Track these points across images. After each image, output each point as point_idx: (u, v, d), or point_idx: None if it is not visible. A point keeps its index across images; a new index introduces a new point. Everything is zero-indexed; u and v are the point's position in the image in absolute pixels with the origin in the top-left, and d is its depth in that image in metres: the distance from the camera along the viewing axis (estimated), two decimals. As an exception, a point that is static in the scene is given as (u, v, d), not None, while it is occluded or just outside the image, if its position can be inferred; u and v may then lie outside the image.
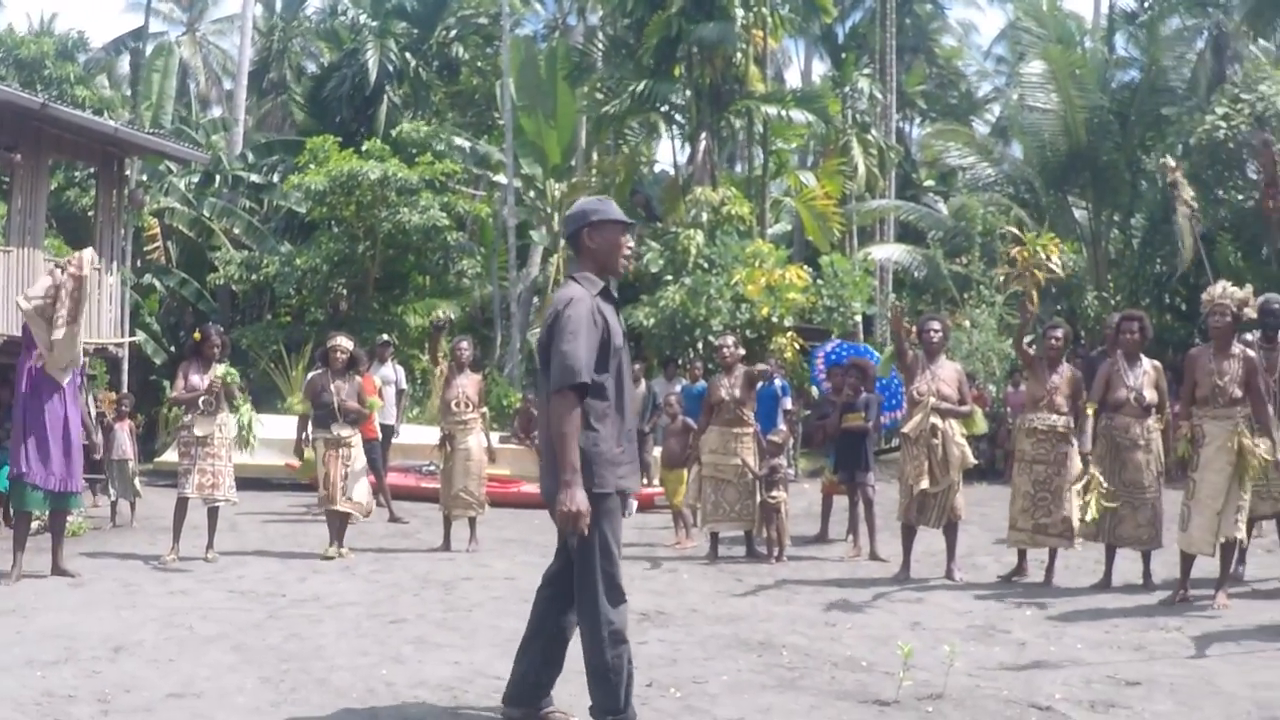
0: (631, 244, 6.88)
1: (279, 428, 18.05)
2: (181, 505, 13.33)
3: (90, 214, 27.25)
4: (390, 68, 37.83)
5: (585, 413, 6.37)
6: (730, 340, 14.25)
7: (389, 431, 18.39)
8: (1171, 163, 15.62)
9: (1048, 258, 19.72)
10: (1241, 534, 10.61)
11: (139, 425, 18.46)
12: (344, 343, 14.02)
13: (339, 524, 13.76)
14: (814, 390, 20.04)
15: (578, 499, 6.20)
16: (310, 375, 14.77)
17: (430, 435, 17.29)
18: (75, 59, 41.08)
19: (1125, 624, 9.74)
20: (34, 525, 12.61)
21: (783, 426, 16.77)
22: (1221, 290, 10.65)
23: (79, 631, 9.30)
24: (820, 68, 44.76)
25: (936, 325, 12.70)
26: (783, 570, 12.82)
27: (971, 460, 12.51)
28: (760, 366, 15.04)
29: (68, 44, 42.53)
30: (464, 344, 15.00)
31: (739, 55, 29.79)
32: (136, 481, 16.63)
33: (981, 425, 12.83)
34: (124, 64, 49.37)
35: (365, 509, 13.89)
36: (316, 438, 13.85)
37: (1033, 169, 32.34)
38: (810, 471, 21.58)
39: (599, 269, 6.73)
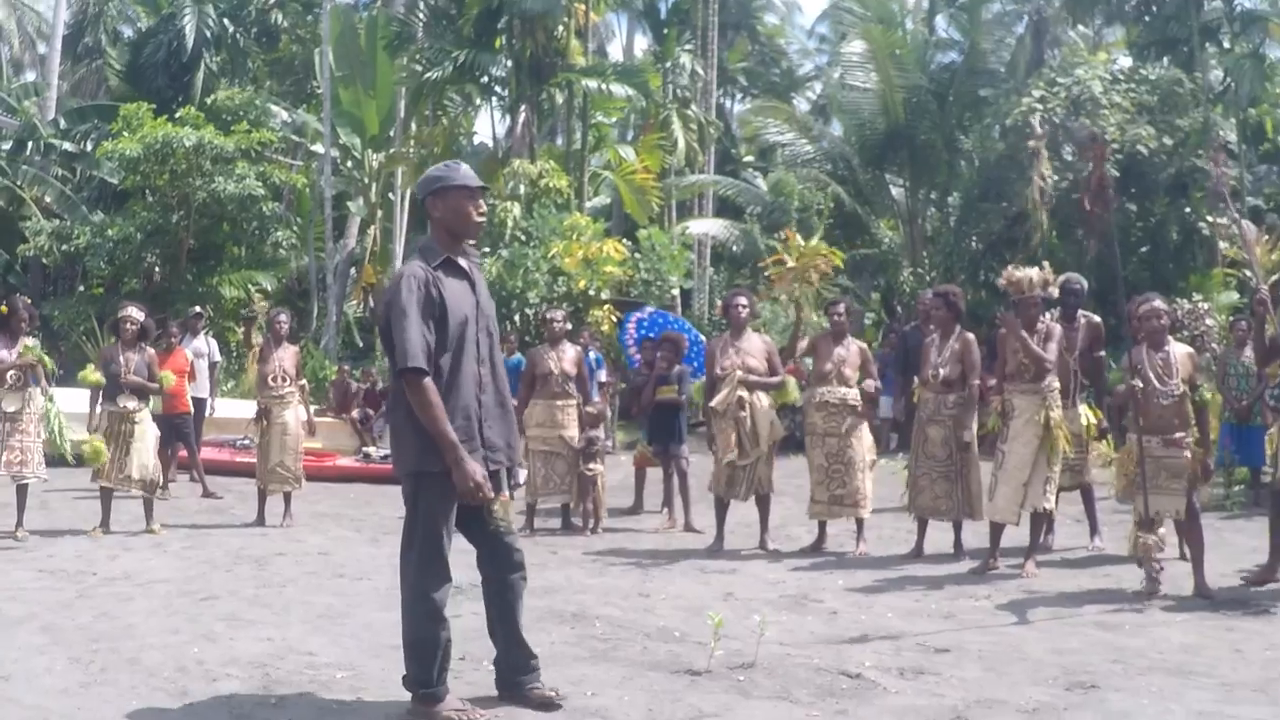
0: (484, 207, 6.74)
1: (83, 401, 17.75)
2: (-17, 483, 13.04)
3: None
4: (208, 34, 37.08)
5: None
6: (559, 314, 14.28)
7: (202, 405, 18.12)
8: (1039, 130, 15.92)
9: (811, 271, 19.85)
10: (1050, 505, 10.91)
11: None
12: (134, 313, 13.74)
13: (109, 502, 13.52)
14: (625, 360, 20.11)
15: (468, 470, 6.26)
16: (103, 347, 14.47)
17: (246, 409, 17.08)
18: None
19: (935, 593, 9.94)
20: None
21: (598, 398, 16.87)
22: (1020, 273, 10.97)
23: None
24: (643, 42, 44.91)
25: (743, 300, 12.79)
26: (598, 542, 12.89)
27: (782, 432, 12.70)
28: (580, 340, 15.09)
29: None
30: (281, 316, 14.85)
31: (561, 28, 29.79)
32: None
33: (795, 395, 12.96)
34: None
35: (150, 486, 13.53)
36: (103, 410, 13.60)
37: (851, 147, 32.80)
38: (627, 444, 21.70)
39: (448, 237, 6.65)
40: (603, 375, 18.42)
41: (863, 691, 6.96)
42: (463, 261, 6.65)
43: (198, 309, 20.75)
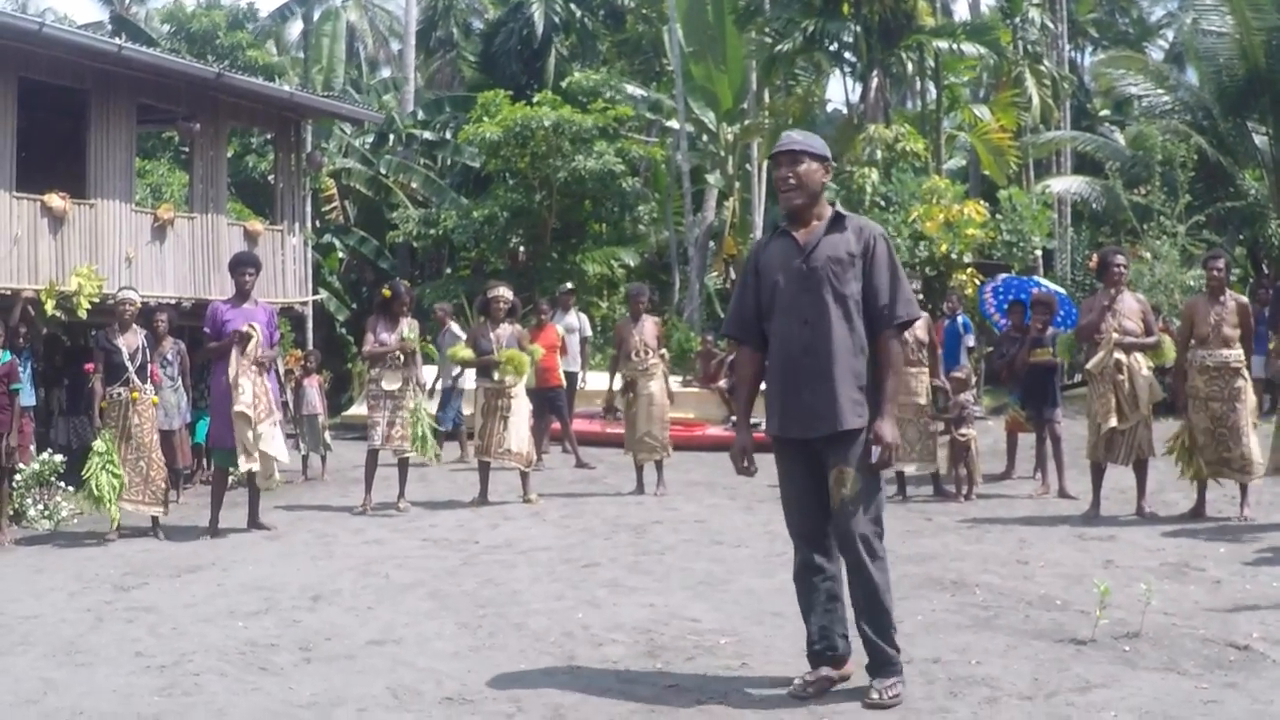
0: (782, 171, 6.40)
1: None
2: (372, 457, 13.69)
3: (269, 179, 27.83)
4: (556, 19, 37.90)
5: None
6: (914, 283, 14.16)
7: (573, 379, 18.63)
8: None
9: None
10: None
11: (326, 381, 18.84)
12: (504, 292, 14.22)
13: (483, 475, 14.03)
14: (980, 325, 19.72)
15: (738, 442, 6.63)
16: (473, 325, 14.94)
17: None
18: (245, 28, 41.83)
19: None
20: (230, 480, 12.94)
21: (966, 363, 16.66)
22: None
23: (278, 582, 9.61)
24: (987, 0, 44.06)
25: (1119, 259, 12.45)
26: (972, 509, 12.77)
27: (1161, 394, 12.28)
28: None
29: (237, 14, 43.32)
30: (642, 291, 15.11)
31: (908, -11, 29.39)
32: (326, 435, 16.98)
33: (1171, 355, 12.51)
34: (292, 31, 50.09)
35: (525, 459, 13.97)
36: (478, 387, 14.05)
37: (1210, 95, 31.43)
38: (994, 409, 21.37)
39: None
40: (970, 340, 18.14)
41: (1252, 663, 6.72)
42: (807, 230, 6.38)
43: (569, 285, 21.30)
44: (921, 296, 14.39)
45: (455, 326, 18.53)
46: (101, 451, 12.11)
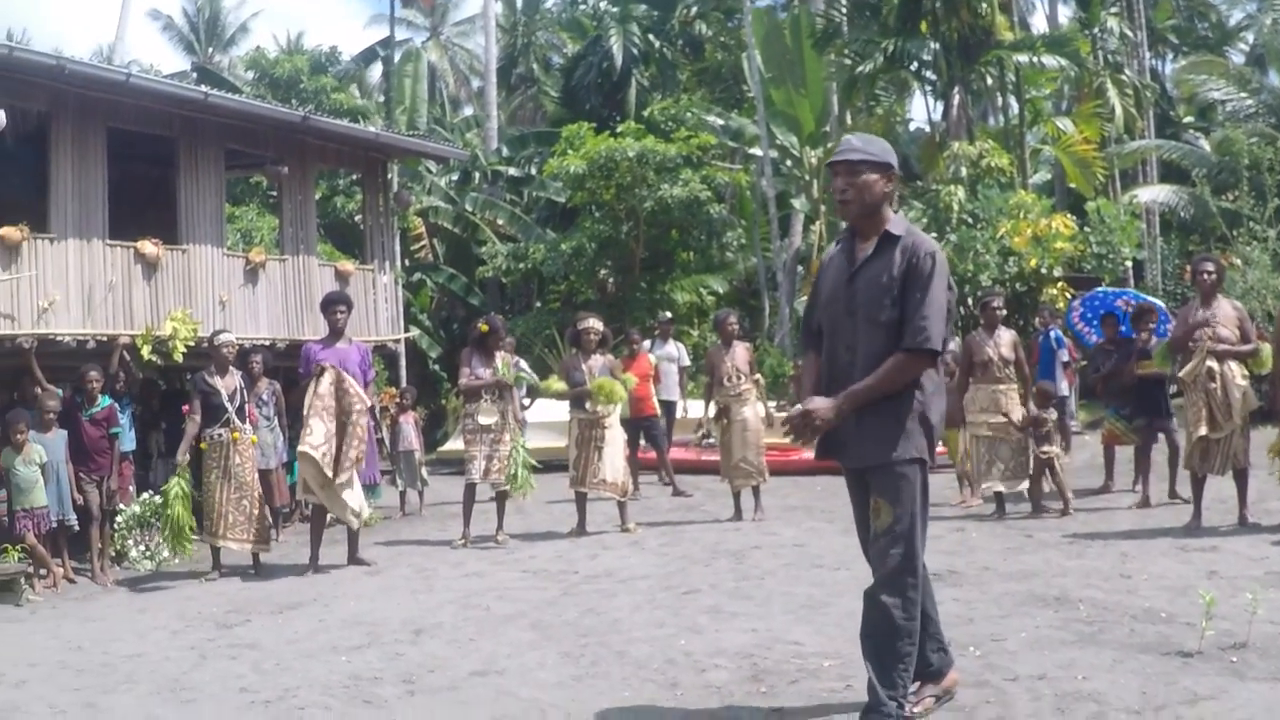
0: (838, 184, 6.02)
1: (545, 411, 18.38)
2: (470, 491, 13.77)
3: (357, 219, 28.10)
4: (635, 51, 38.11)
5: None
6: (999, 300, 14.13)
7: (672, 408, 18.65)
8: None
9: None
10: None
11: (421, 417, 18.96)
12: (594, 324, 14.25)
13: (581, 505, 14.08)
14: (1068, 339, 19.54)
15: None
16: (565, 357, 15.02)
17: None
18: (328, 71, 42.32)
19: None
20: (328, 517, 13.05)
21: (1062, 380, 16.56)
22: None
23: (379, 617, 9.68)
24: (1065, 11, 43.78)
25: (1210, 266, 12.28)
26: (1071, 524, 12.65)
27: (1256, 403, 12.11)
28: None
29: (320, 58, 43.85)
30: (731, 317, 15.11)
31: (985, 5, 29.26)
32: (423, 471, 17.09)
33: (1269, 362, 12.32)
34: (374, 73, 50.67)
35: (620, 489, 13.99)
36: (572, 418, 14.10)
37: (1293, 96, 31.14)
38: (1090, 422, 21.19)
39: None
40: (1064, 355, 17.99)
41: (1368, 673, 6.60)
42: (866, 243, 6.03)
43: (668, 315, 21.37)
44: (1004, 312, 14.26)
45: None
46: (178, 493, 12.33)
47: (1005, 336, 13.88)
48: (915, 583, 5.86)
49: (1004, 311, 14.18)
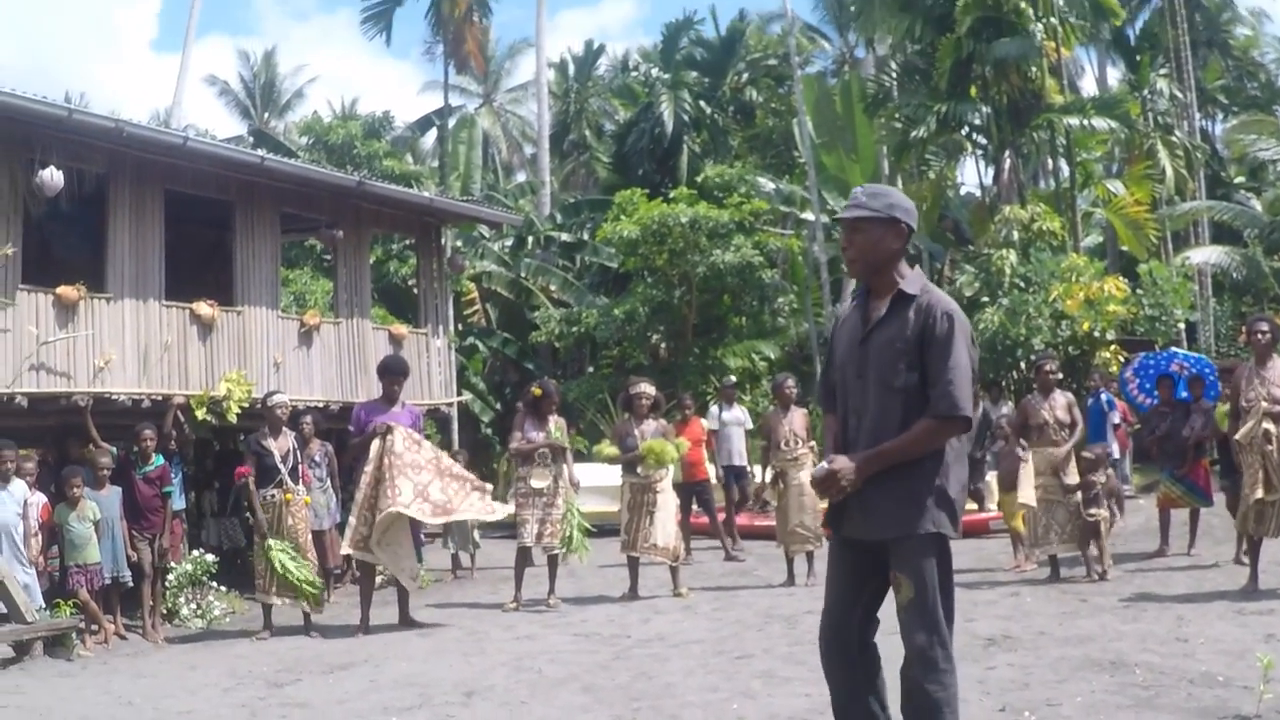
0: (845, 243, 5.82)
1: (597, 475, 18.38)
2: (522, 554, 13.76)
3: (410, 284, 28.24)
4: (686, 117, 38.29)
5: None
6: (1053, 364, 14.08)
7: (742, 471, 18.52)
8: None
9: None
10: None
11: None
12: (646, 389, 14.26)
13: (633, 570, 14.09)
14: (1121, 403, 19.40)
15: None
16: (617, 422, 15.02)
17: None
18: (382, 137, 42.69)
19: None
20: (379, 579, 13.07)
21: (1113, 442, 16.46)
22: None
23: (430, 678, 9.66)
24: (1114, 73, 43.79)
25: (1264, 326, 12.18)
26: (1126, 587, 12.53)
27: None
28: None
29: (373, 124, 44.26)
30: (789, 382, 15.13)
31: (1034, 69, 29.29)
32: (475, 533, 17.10)
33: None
34: (428, 140, 51.08)
35: (672, 553, 13.97)
36: (624, 482, 14.09)
37: (1346, 154, 31.02)
38: (1145, 486, 21.04)
39: None
40: (1115, 417, 17.90)
41: None
42: (880, 301, 5.72)
43: (732, 379, 21.32)
44: (1058, 375, 14.21)
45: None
46: (277, 547, 12.42)
47: (1060, 399, 13.81)
48: (948, 655, 5.48)
49: (1058, 375, 14.13)
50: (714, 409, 18.69)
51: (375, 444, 12.52)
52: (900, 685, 5.52)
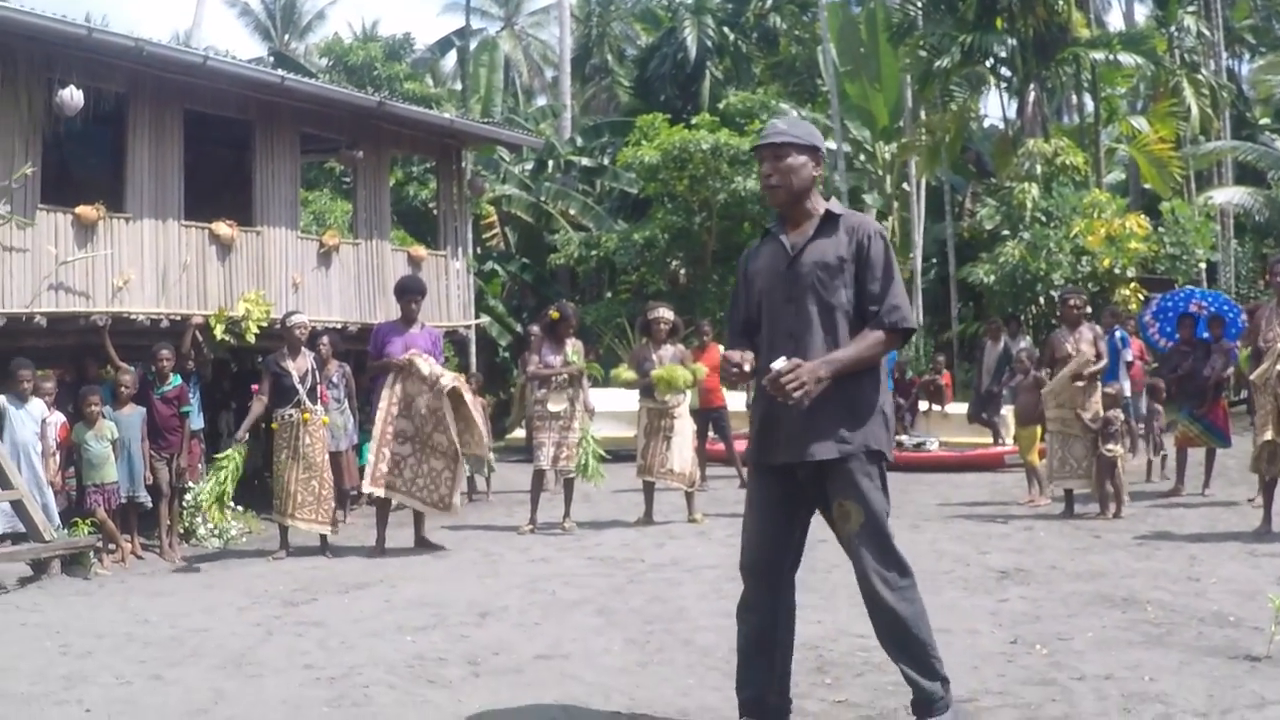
0: (765, 170, 5.70)
1: (614, 400, 18.41)
2: (538, 477, 13.86)
3: (430, 206, 28.19)
4: (709, 43, 38.14)
5: None
6: (1078, 298, 13.99)
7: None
8: None
9: None
10: None
11: (490, 405, 19.01)
12: (665, 313, 14.25)
13: (648, 495, 14.10)
14: (1140, 342, 19.31)
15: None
16: (635, 347, 15.01)
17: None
18: (402, 60, 42.50)
19: None
20: (393, 501, 13.11)
21: (1127, 379, 16.44)
22: None
23: (445, 599, 9.72)
24: (1141, 9, 43.33)
25: None
26: (1140, 525, 12.54)
27: None
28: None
29: (394, 46, 44.05)
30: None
31: (1061, 2, 29.02)
32: (490, 457, 17.16)
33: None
34: (448, 63, 50.82)
35: (688, 479, 14.03)
36: (641, 407, 14.11)
37: (1371, 97, 30.74)
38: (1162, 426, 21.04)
39: None
40: (1129, 354, 17.84)
41: None
42: (784, 238, 5.74)
43: None
44: (1084, 308, 14.12)
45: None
46: (231, 463, 12.57)
47: (1086, 333, 13.71)
48: (905, 569, 5.57)
49: (1083, 308, 14.01)
50: None
51: (390, 383, 12.56)
52: (869, 614, 5.60)
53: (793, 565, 5.86)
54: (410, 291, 13.09)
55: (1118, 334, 17.72)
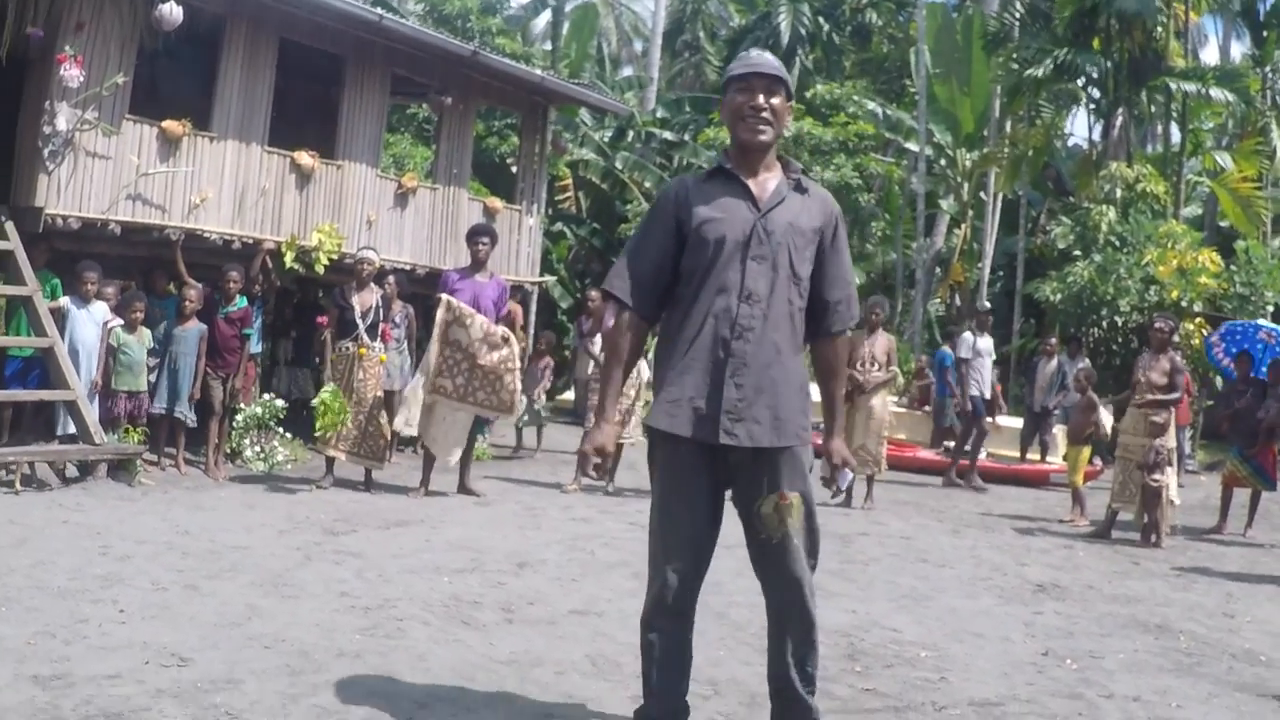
0: (758, 100, 5.02)
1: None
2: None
3: (508, 162, 28.23)
4: (803, 31, 38.02)
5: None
6: (1166, 322, 13.80)
7: (984, 404, 18.38)
8: None
9: None
10: None
11: (549, 366, 19.07)
12: None
13: None
14: (1218, 379, 19.17)
15: (592, 438, 5.35)
16: None
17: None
18: (497, 14, 42.54)
19: None
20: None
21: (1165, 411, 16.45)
22: None
23: (484, 546, 9.86)
24: (1238, 46, 42.96)
25: None
26: (1180, 558, 12.49)
27: None
28: None
29: (490, 1, 44.13)
30: (880, 303, 15.18)
31: (1159, 29, 28.80)
32: (542, 414, 17.24)
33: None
34: (539, 23, 50.79)
35: None
36: None
37: None
38: (1209, 464, 20.91)
39: (733, 145, 5.20)
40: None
41: None
42: (751, 181, 5.10)
43: (988, 304, 21.21)
44: (1170, 335, 13.96)
45: None
46: (327, 398, 12.52)
47: (1162, 362, 13.56)
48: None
49: (1169, 334, 13.75)
50: (967, 335, 18.03)
51: (440, 314, 12.65)
52: (786, 625, 5.28)
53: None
54: (480, 233, 13.17)
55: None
